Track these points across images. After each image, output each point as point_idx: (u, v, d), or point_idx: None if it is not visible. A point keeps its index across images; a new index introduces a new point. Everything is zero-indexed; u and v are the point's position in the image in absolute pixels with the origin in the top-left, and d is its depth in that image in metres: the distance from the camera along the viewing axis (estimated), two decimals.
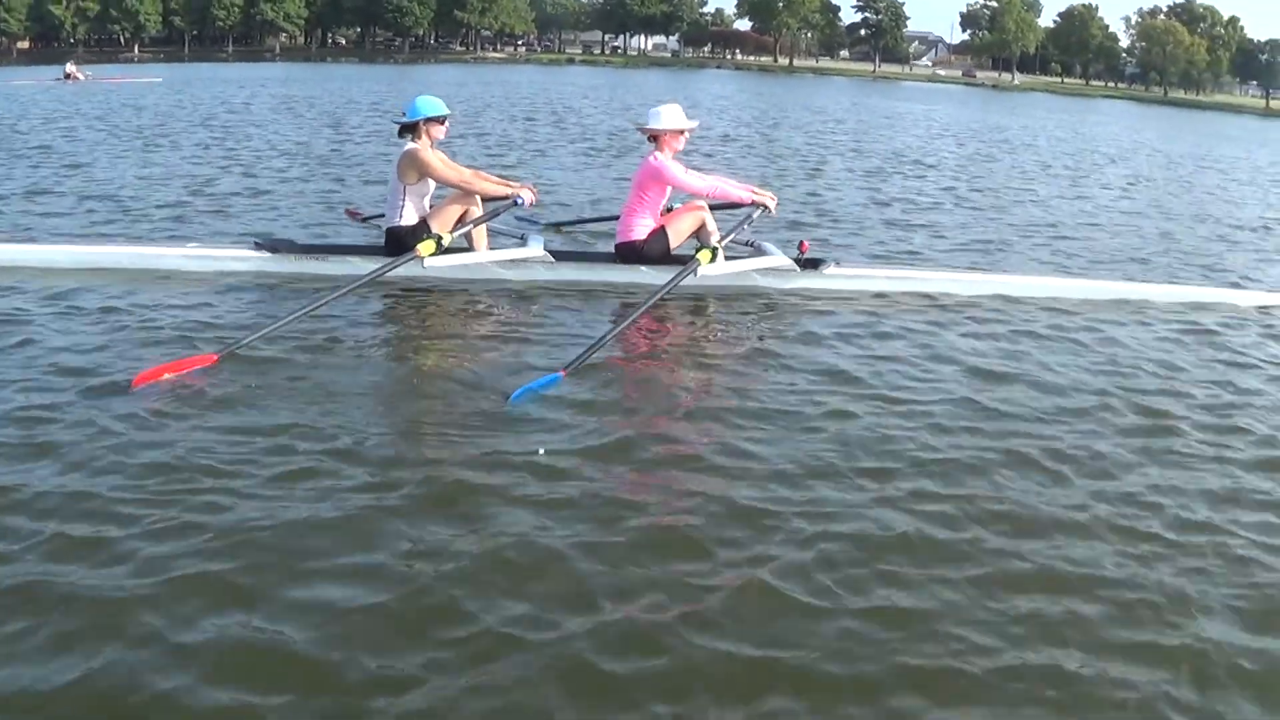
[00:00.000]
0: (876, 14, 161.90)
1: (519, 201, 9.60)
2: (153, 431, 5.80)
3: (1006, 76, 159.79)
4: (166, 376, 6.53)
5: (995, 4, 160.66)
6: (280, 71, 77.06)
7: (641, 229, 9.63)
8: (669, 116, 9.69)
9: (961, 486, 5.57)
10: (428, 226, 9.37)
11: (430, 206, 9.64)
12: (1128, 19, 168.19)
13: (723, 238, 9.47)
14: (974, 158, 26.94)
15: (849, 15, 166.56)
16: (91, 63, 76.32)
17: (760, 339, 8.32)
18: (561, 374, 6.82)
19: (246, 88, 46.51)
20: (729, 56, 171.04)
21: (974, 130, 39.61)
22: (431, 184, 9.56)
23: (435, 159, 9.41)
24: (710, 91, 66.80)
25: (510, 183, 9.96)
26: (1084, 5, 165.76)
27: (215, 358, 6.87)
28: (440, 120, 9.62)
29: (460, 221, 9.47)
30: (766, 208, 9.91)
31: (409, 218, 9.46)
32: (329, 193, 14.90)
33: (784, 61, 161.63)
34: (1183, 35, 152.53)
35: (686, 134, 9.85)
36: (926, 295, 9.88)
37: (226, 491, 5.07)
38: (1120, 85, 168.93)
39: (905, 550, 4.84)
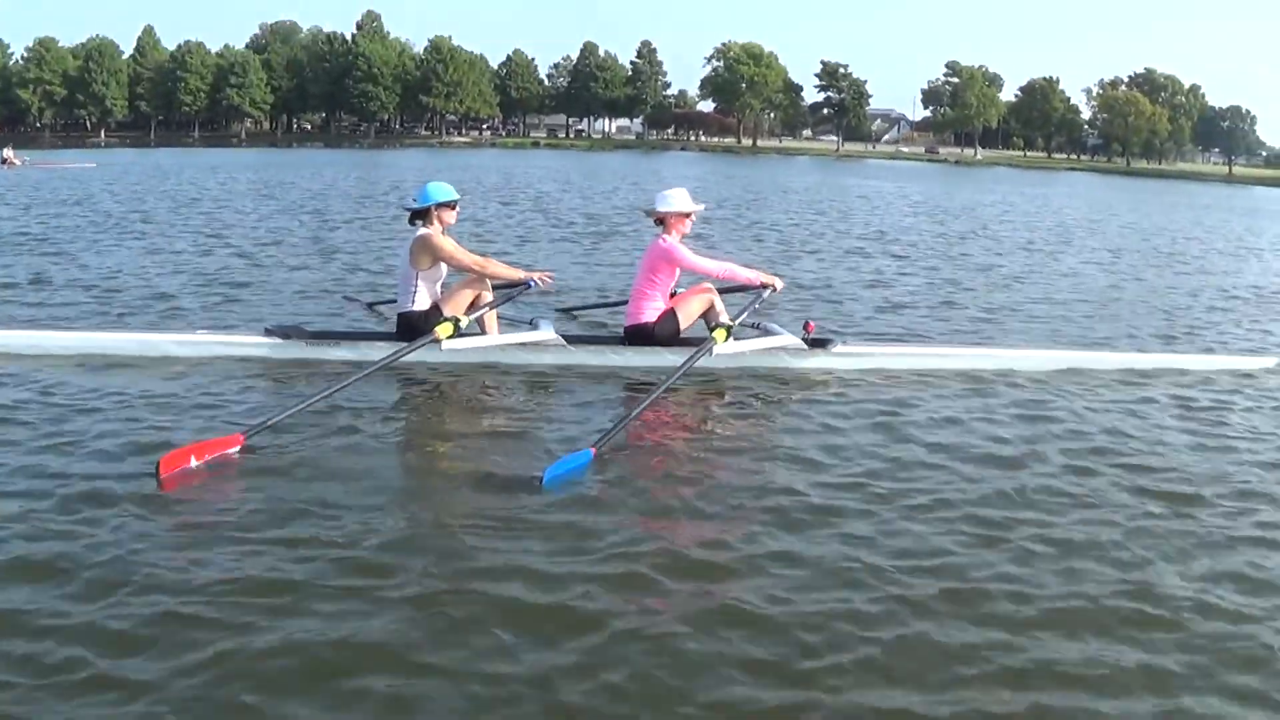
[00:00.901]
0: (839, 92, 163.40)
1: (532, 285, 9.72)
2: (181, 514, 5.87)
3: (969, 152, 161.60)
4: (193, 459, 6.56)
5: (956, 80, 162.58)
6: (249, 157, 77.27)
7: (651, 311, 9.72)
8: (677, 200, 9.83)
9: (981, 572, 5.58)
10: (440, 311, 9.43)
11: (441, 291, 9.67)
12: (1089, 91, 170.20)
13: (735, 318, 9.55)
14: (957, 235, 27.31)
15: (811, 94, 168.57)
16: (58, 147, 75.89)
17: (777, 419, 8.43)
18: (592, 452, 6.91)
19: (220, 171, 46.83)
20: (693, 138, 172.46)
21: (949, 208, 40.01)
22: (444, 269, 9.63)
23: (449, 243, 9.49)
24: (679, 173, 67.48)
25: (518, 268, 10.06)
26: (1045, 78, 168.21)
27: (241, 439, 6.92)
28: (451, 205, 9.72)
29: (473, 305, 9.53)
30: (774, 288, 10.02)
31: (422, 303, 9.52)
32: (324, 278, 15.01)
33: (748, 142, 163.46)
34: (1144, 105, 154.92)
35: (693, 217, 9.96)
36: (934, 372, 9.99)
37: (260, 578, 5.09)
38: (1083, 157, 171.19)
39: (923, 645, 4.81)
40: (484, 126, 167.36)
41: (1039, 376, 10.04)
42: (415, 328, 9.40)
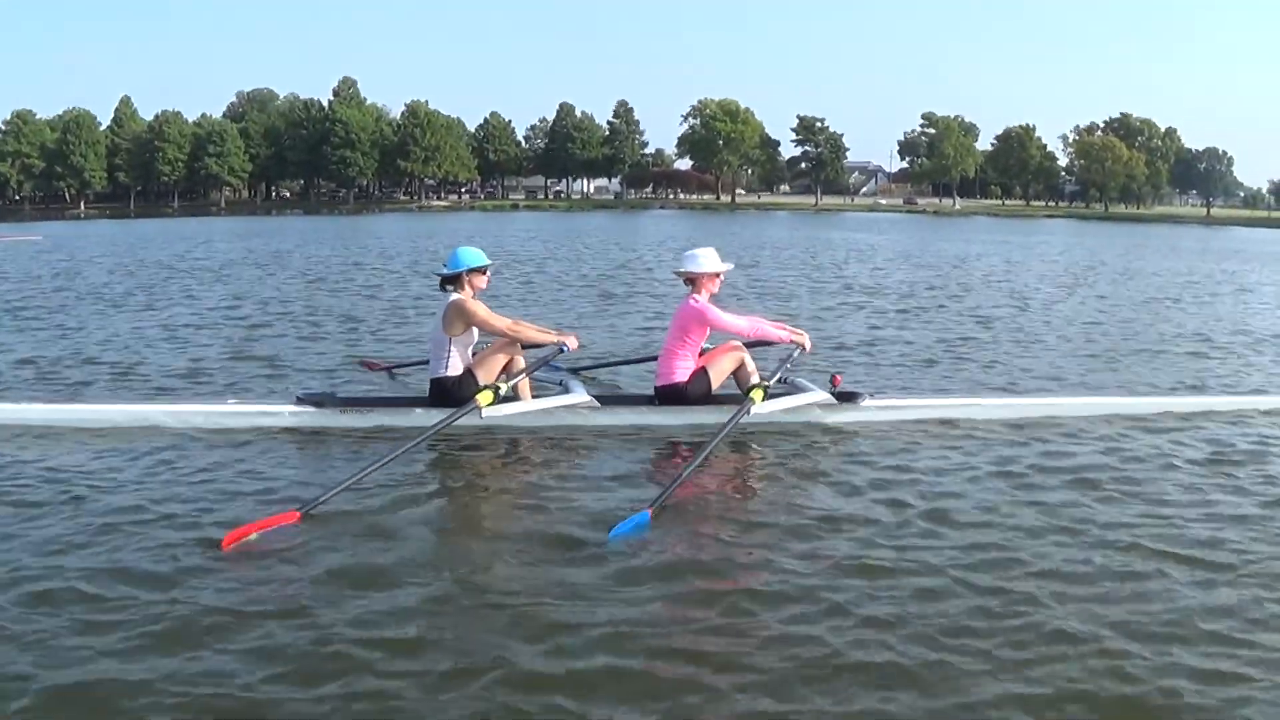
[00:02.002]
0: (816, 146, 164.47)
1: (564, 349, 9.76)
2: (249, 590, 5.86)
3: (948, 202, 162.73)
4: (254, 535, 6.58)
5: (933, 130, 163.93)
6: (230, 225, 77.51)
7: (683, 371, 9.78)
8: (707, 260, 9.93)
9: (1054, 628, 5.54)
10: (473, 376, 9.47)
11: (472, 355, 9.71)
12: (1065, 137, 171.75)
13: (770, 376, 9.62)
14: (959, 286, 27.50)
15: (788, 149, 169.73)
16: (38, 219, 75.85)
17: (819, 475, 8.43)
18: (649, 513, 6.96)
19: (205, 242, 46.86)
20: (671, 196, 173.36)
21: (939, 259, 40.17)
22: (476, 333, 9.67)
23: (481, 308, 9.54)
24: (662, 231, 67.99)
25: (551, 330, 10.13)
26: (1021, 126, 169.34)
27: (298, 515, 6.93)
28: (482, 270, 9.78)
29: (506, 369, 9.59)
30: (804, 348, 10.10)
31: (455, 368, 9.55)
32: (336, 344, 15.07)
33: (726, 198, 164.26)
34: (1121, 150, 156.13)
35: (721, 276, 10.04)
36: (966, 422, 10.06)
37: (337, 655, 5.09)
38: (1061, 204, 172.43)
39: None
40: (462, 190, 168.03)
41: (1074, 423, 10.15)
42: (449, 393, 9.45)
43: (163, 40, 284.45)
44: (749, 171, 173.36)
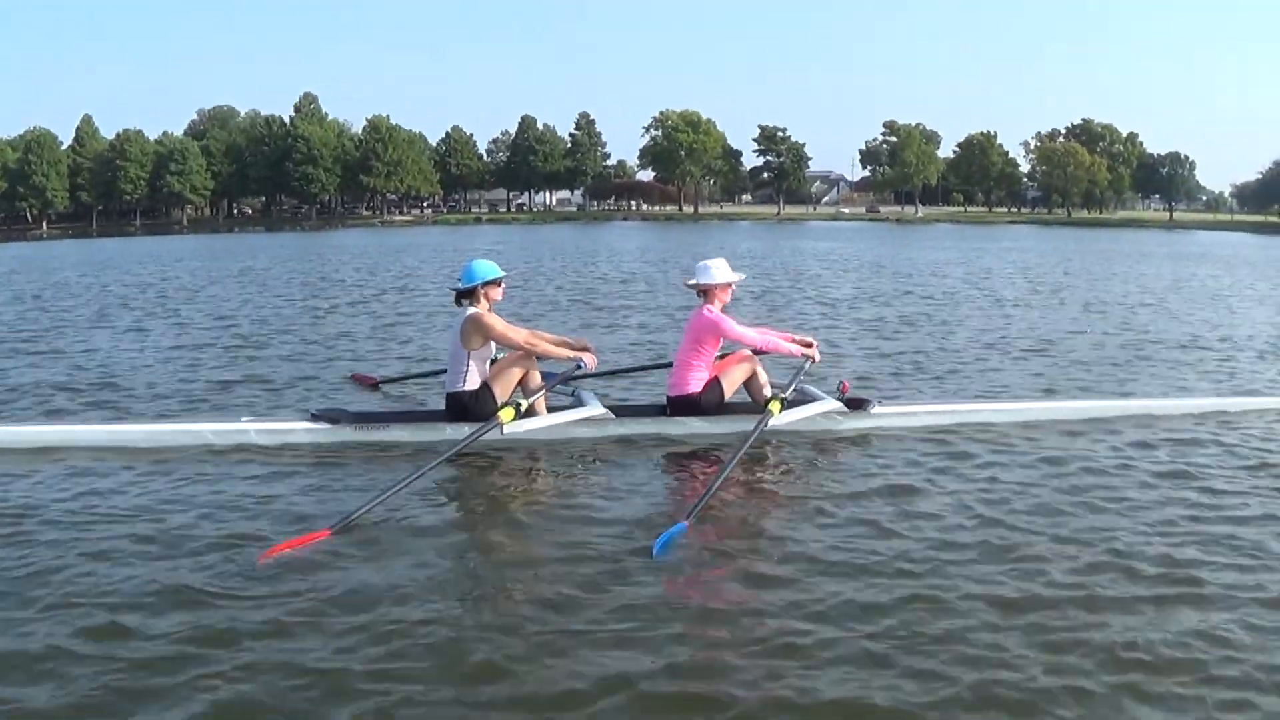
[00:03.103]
0: (778, 156, 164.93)
1: (581, 365, 9.81)
2: (285, 604, 5.91)
3: (910, 209, 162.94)
4: (287, 553, 6.62)
5: (895, 138, 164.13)
6: (196, 244, 77.25)
7: (696, 381, 9.86)
8: (719, 271, 10.01)
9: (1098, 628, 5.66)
10: (490, 389, 9.51)
11: (488, 369, 9.75)
12: (1027, 144, 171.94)
13: (786, 388, 9.72)
14: (943, 293, 27.66)
15: (750, 159, 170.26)
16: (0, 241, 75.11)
17: (838, 482, 8.52)
18: (686, 524, 7.04)
19: (182, 260, 46.78)
20: (634, 207, 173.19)
21: (917, 268, 40.38)
22: (493, 347, 9.70)
23: (499, 322, 9.57)
24: (631, 243, 68.30)
25: (569, 341, 10.16)
26: (983, 133, 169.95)
27: (328, 532, 6.97)
28: (497, 283, 9.80)
29: (523, 383, 9.65)
30: (814, 360, 10.22)
31: (472, 382, 9.57)
32: (327, 359, 15.13)
33: (689, 209, 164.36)
34: (1083, 155, 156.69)
35: (733, 286, 10.14)
36: (975, 427, 10.23)
37: (364, 670, 5.13)
38: (1023, 210, 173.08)
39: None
40: (425, 204, 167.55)
41: (1079, 428, 10.32)
42: (466, 408, 9.50)
43: (123, 58, 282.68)
44: (711, 182, 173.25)
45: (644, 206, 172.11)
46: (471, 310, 9.62)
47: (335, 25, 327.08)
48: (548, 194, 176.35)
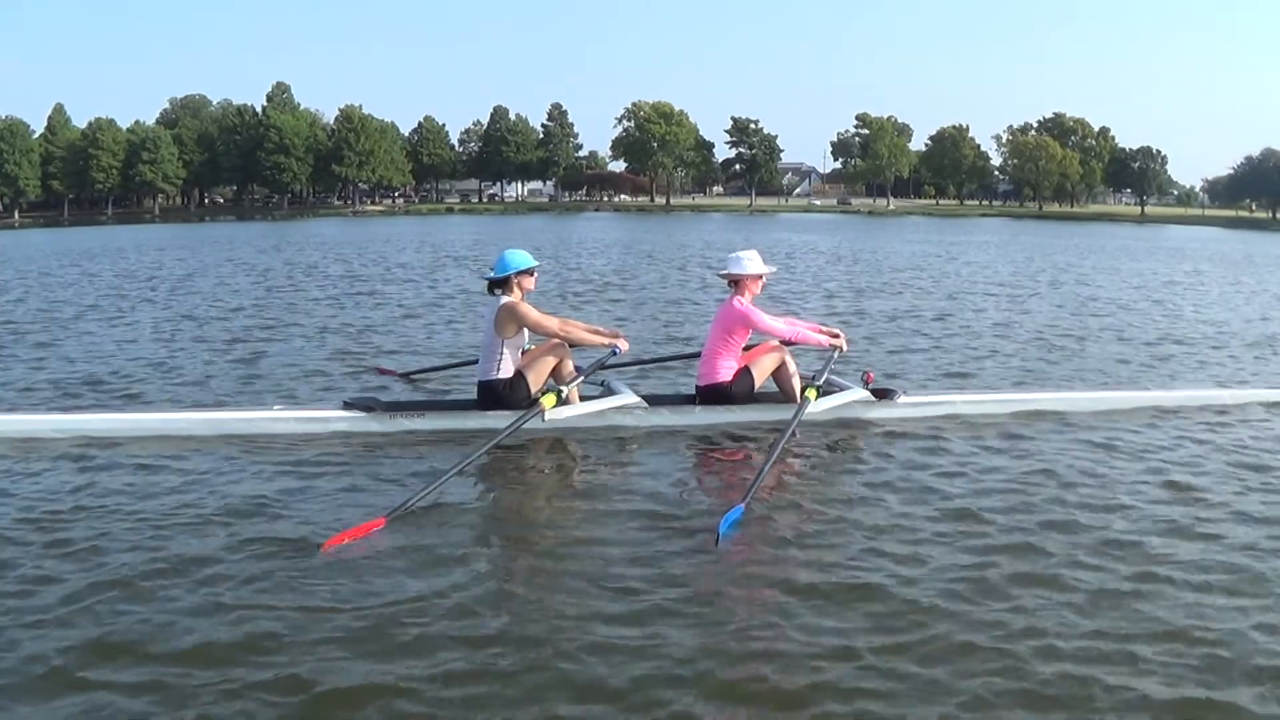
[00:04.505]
0: (750, 148, 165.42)
1: (616, 351, 9.90)
2: (349, 588, 5.98)
3: (882, 202, 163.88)
4: (347, 541, 6.66)
5: (867, 131, 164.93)
6: (170, 233, 76.68)
7: (726, 370, 9.97)
8: (751, 263, 10.14)
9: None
10: (524, 377, 9.58)
11: (521, 357, 9.83)
12: (999, 137, 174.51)
13: (819, 377, 9.81)
14: (947, 287, 27.82)
15: (723, 151, 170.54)
16: None
17: (873, 470, 8.68)
18: (743, 507, 7.16)
19: (165, 249, 46.43)
20: (606, 198, 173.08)
21: (896, 260, 40.70)
22: (526, 335, 9.76)
23: (533, 311, 9.65)
24: (607, 234, 68.05)
25: (600, 330, 10.24)
26: (955, 126, 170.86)
27: (384, 520, 7.00)
28: (530, 272, 9.86)
29: (556, 371, 9.72)
30: (842, 349, 10.32)
31: (506, 370, 9.64)
32: (345, 351, 15.07)
33: (661, 200, 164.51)
34: (1055, 149, 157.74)
35: (764, 278, 10.23)
36: (997, 417, 10.40)
37: (448, 661, 5.16)
38: (995, 203, 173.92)
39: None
40: (396, 194, 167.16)
41: (1107, 416, 10.55)
42: (499, 395, 9.57)
43: (95, 47, 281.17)
44: (683, 173, 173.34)
45: (616, 198, 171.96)
46: (506, 299, 9.67)
47: (308, 14, 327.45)
48: (519, 185, 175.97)
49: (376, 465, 8.63)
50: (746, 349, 10.24)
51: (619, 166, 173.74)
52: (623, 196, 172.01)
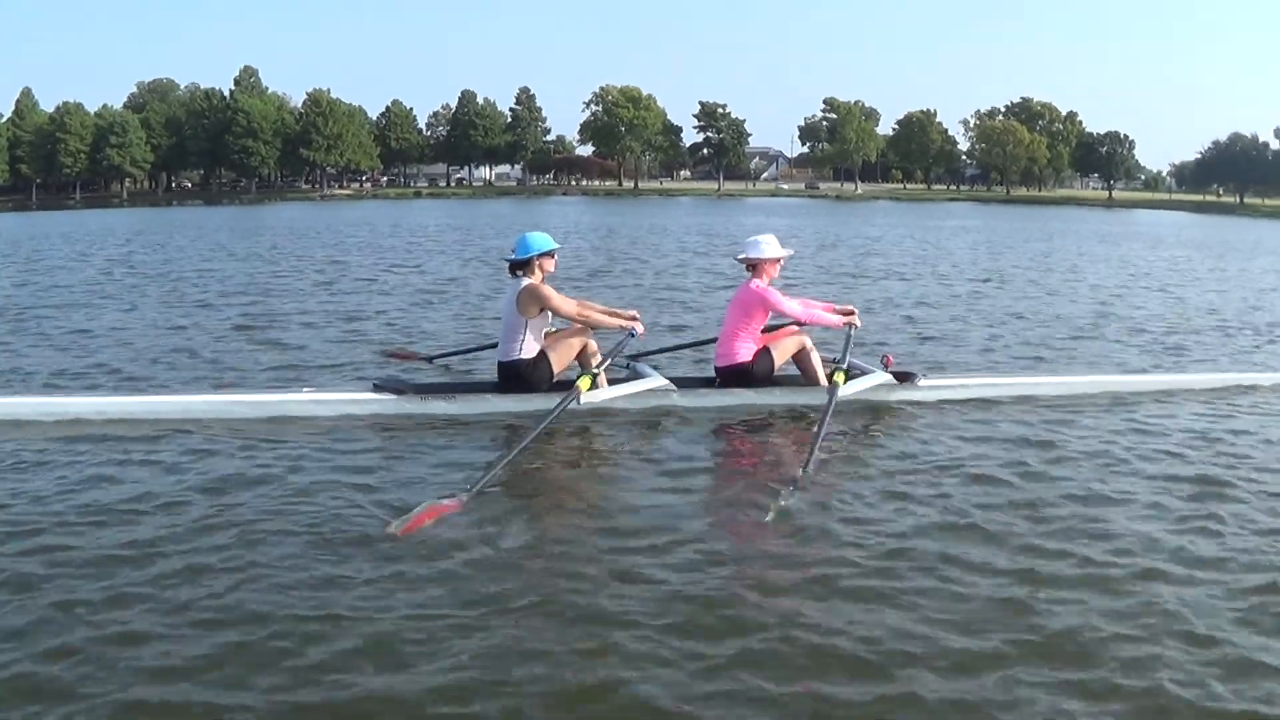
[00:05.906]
0: (718, 132, 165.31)
1: (634, 334, 10.09)
2: (437, 563, 6.13)
3: (850, 186, 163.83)
4: (426, 522, 6.72)
5: (834, 115, 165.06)
6: (141, 218, 75.74)
7: (745, 352, 10.18)
8: (769, 247, 10.35)
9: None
10: (547, 359, 9.77)
11: (544, 337, 10.00)
12: (966, 122, 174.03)
13: (841, 359, 9.98)
14: (928, 274, 28.19)
15: (691, 135, 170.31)
16: None
17: (909, 449, 8.91)
18: (794, 486, 7.45)
19: (144, 232, 45.97)
20: (574, 182, 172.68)
21: (877, 244, 41.15)
22: (549, 316, 9.93)
23: (553, 293, 9.82)
24: (581, 219, 68.10)
25: (618, 311, 10.45)
26: (922, 111, 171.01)
27: (458, 504, 7.04)
28: (551, 254, 10.03)
29: (580, 354, 9.92)
30: (856, 325, 10.50)
31: (529, 351, 9.79)
32: (350, 335, 15.19)
33: (629, 184, 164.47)
34: (1022, 134, 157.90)
35: (781, 261, 10.44)
36: (1018, 400, 10.65)
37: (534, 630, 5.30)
38: (962, 188, 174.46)
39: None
40: (364, 178, 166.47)
41: (1129, 399, 10.84)
42: (522, 376, 9.75)
43: (62, 30, 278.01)
44: (651, 158, 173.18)
45: (584, 182, 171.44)
46: (527, 281, 9.82)
47: None
48: (487, 169, 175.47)
49: (418, 448, 8.70)
50: (765, 331, 10.43)
51: (587, 150, 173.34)
52: (591, 181, 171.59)
